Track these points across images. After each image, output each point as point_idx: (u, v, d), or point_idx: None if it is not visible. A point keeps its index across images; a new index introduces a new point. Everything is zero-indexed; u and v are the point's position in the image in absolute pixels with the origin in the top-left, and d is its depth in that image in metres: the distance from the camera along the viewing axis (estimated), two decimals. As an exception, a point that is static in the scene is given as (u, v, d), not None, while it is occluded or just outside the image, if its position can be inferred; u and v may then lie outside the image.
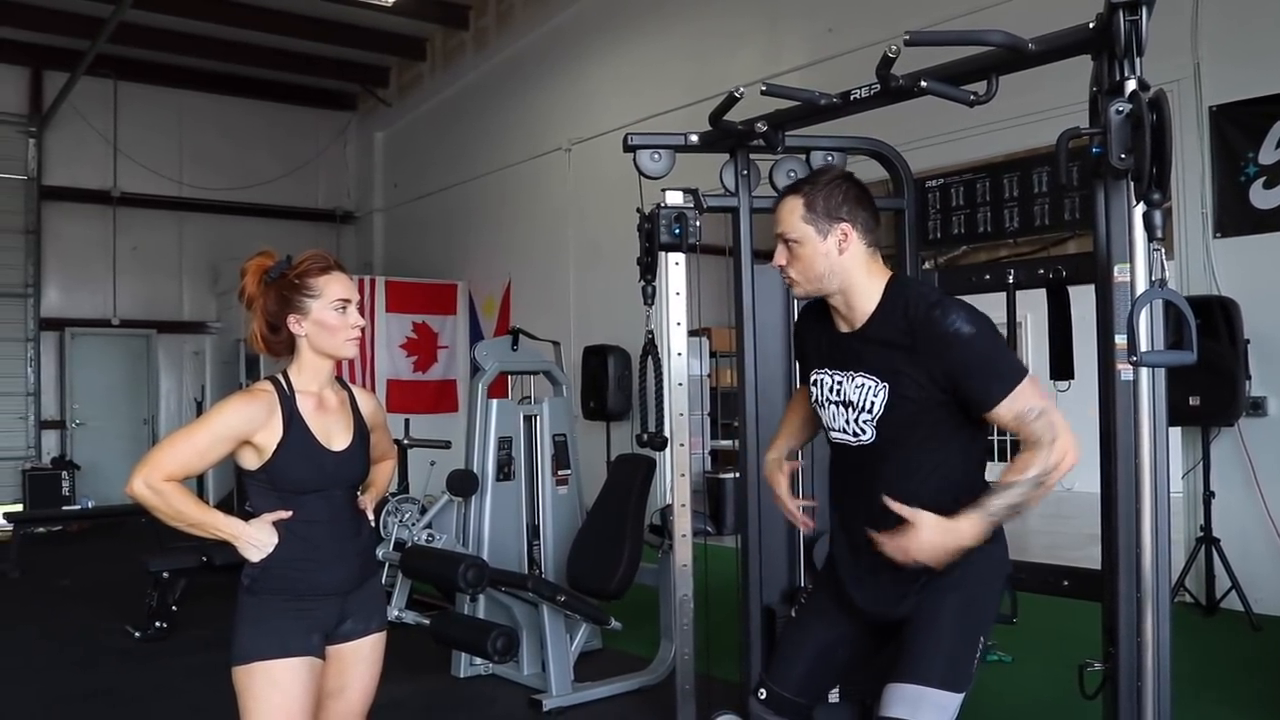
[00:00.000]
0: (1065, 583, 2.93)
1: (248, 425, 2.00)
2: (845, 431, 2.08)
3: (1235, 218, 5.11)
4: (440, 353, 10.30)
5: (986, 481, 2.03)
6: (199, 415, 2.36)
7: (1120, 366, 2.23)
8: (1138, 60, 2.09)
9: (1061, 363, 3.06)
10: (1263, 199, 5.02)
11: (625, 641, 4.58)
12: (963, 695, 1.97)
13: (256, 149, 11.67)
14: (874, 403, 2.01)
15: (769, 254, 2.13)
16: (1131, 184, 2.07)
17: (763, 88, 2.71)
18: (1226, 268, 5.10)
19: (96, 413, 10.89)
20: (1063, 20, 2.30)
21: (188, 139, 11.36)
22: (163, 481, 1.93)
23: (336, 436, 2.11)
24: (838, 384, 2.09)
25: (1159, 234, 1.95)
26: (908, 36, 2.24)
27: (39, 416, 10.59)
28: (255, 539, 2.02)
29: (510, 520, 4.65)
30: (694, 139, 3.18)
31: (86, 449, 10.62)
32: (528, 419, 4.75)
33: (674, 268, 3.28)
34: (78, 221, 10.83)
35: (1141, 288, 2.16)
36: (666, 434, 3.32)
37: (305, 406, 2.08)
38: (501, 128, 9.93)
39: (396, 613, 4.34)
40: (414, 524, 4.76)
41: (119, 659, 4.89)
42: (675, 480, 3.31)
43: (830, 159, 3.12)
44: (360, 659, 2.16)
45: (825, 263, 2.03)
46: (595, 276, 8.50)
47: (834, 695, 2.80)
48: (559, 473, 4.77)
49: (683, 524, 3.31)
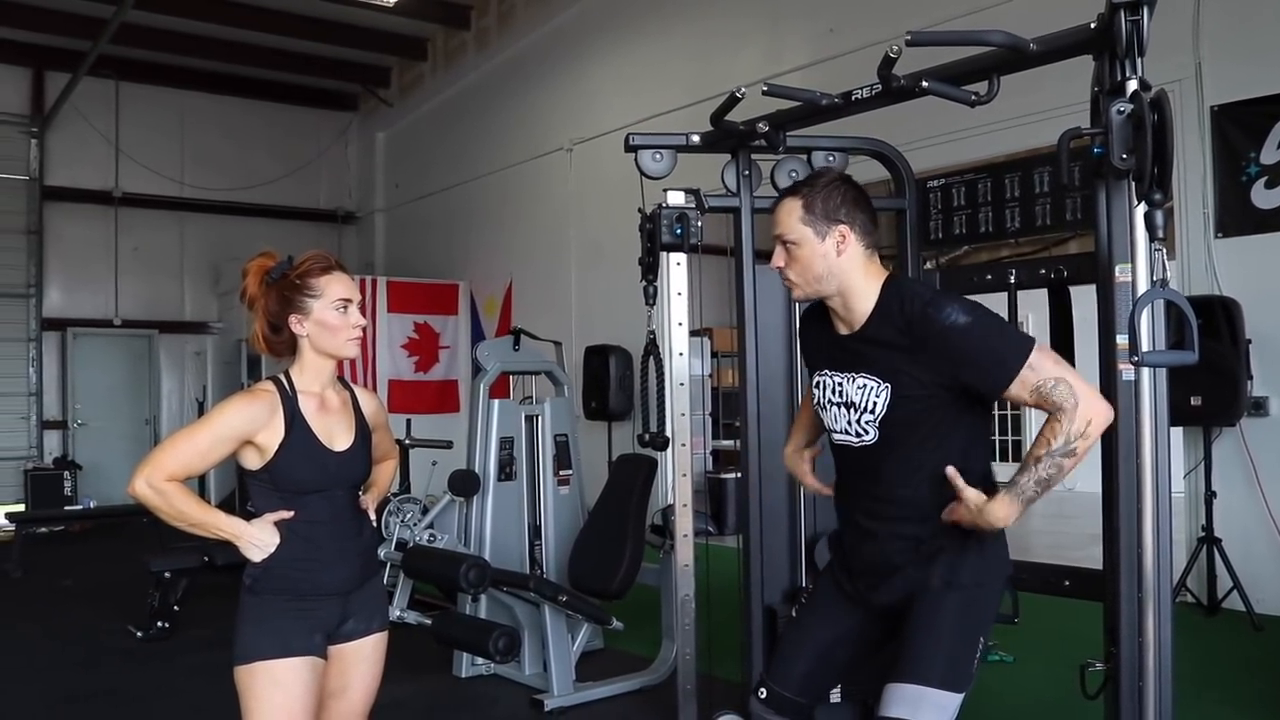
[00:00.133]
0: (1067, 583, 2.93)
1: (249, 425, 2.00)
2: (848, 433, 2.09)
3: (1237, 218, 5.11)
4: (442, 353, 10.30)
5: (992, 479, 2.03)
6: (201, 415, 2.37)
7: (1122, 366, 2.22)
8: (1139, 60, 2.09)
9: (1063, 363, 3.06)
10: (1264, 199, 5.02)
11: (627, 641, 4.58)
12: (963, 695, 1.97)
13: (258, 149, 11.67)
14: (876, 403, 2.01)
15: (770, 254, 2.13)
16: (1133, 184, 2.07)
17: (764, 88, 2.71)
18: (1228, 268, 5.10)
19: (98, 413, 10.90)
20: (1064, 20, 2.30)
21: (189, 139, 11.37)
22: (165, 481, 1.93)
23: (338, 436, 2.12)
24: (839, 386, 2.09)
25: (1160, 234, 1.95)
26: (909, 37, 2.24)
27: (41, 417, 10.60)
28: (257, 539, 2.02)
29: (512, 520, 4.65)
30: (695, 139, 3.17)
31: (88, 449, 10.63)
32: (529, 419, 4.75)
33: (675, 268, 3.29)
34: (79, 222, 10.84)
35: (1143, 288, 2.16)
36: (668, 434, 3.32)
37: (307, 407, 2.08)
38: (503, 128, 9.93)
39: (398, 613, 4.34)
40: (416, 524, 4.77)
41: (121, 659, 4.89)
42: (677, 480, 3.31)
43: (832, 159, 3.12)
44: (362, 659, 2.17)
45: (824, 264, 2.03)
46: (597, 276, 8.50)
47: (835, 695, 2.80)
48: (560, 473, 4.77)
49: (684, 524, 3.32)
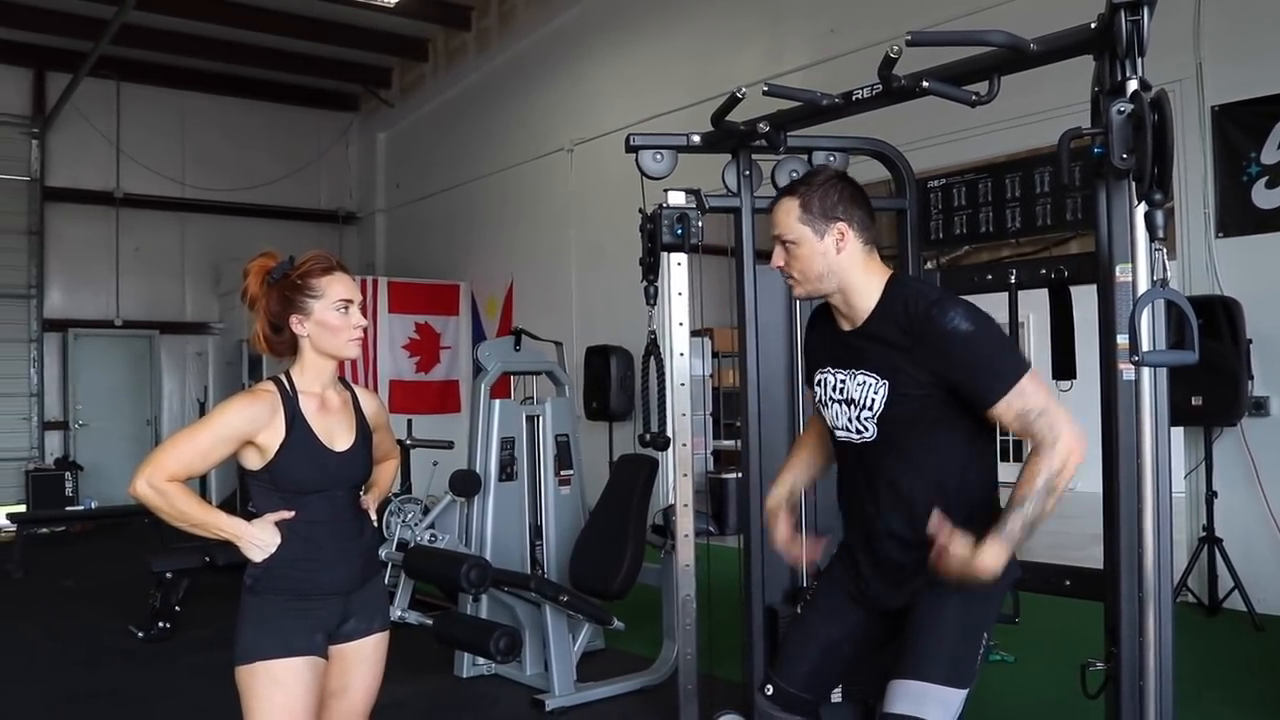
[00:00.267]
0: (1068, 582, 2.93)
1: (250, 426, 2.01)
2: (849, 429, 2.09)
3: (1237, 218, 5.11)
4: (443, 353, 10.30)
5: (994, 481, 2.03)
6: (202, 416, 2.37)
7: (1122, 366, 2.23)
8: (1139, 60, 2.09)
9: (1064, 363, 3.07)
10: (1265, 199, 5.02)
11: (628, 641, 4.58)
12: (966, 691, 1.98)
13: (259, 150, 11.67)
14: (875, 400, 2.02)
15: (771, 254, 2.14)
16: (1133, 184, 2.07)
17: (765, 88, 2.71)
18: (1228, 268, 5.10)
19: (99, 413, 10.90)
20: (1064, 20, 2.30)
21: (190, 140, 11.37)
22: (166, 482, 1.93)
23: (339, 437, 2.12)
24: (841, 382, 2.10)
25: (1161, 234, 1.95)
26: (909, 37, 2.24)
27: (42, 417, 10.60)
28: (258, 539, 2.02)
29: (513, 520, 4.65)
30: (696, 139, 3.18)
31: (89, 450, 10.63)
32: (530, 419, 4.75)
33: (676, 268, 3.29)
34: (80, 222, 10.84)
35: (1143, 287, 2.16)
36: (669, 434, 3.32)
37: (308, 407, 2.08)
38: (504, 128, 9.93)
39: (399, 613, 4.34)
40: (416, 524, 4.77)
41: (122, 659, 4.89)
42: (677, 480, 3.31)
43: (832, 159, 3.12)
44: (363, 659, 2.17)
45: (823, 262, 2.04)
46: (597, 277, 8.50)
47: (836, 695, 2.81)
48: (561, 473, 4.77)
49: (685, 524, 3.32)
